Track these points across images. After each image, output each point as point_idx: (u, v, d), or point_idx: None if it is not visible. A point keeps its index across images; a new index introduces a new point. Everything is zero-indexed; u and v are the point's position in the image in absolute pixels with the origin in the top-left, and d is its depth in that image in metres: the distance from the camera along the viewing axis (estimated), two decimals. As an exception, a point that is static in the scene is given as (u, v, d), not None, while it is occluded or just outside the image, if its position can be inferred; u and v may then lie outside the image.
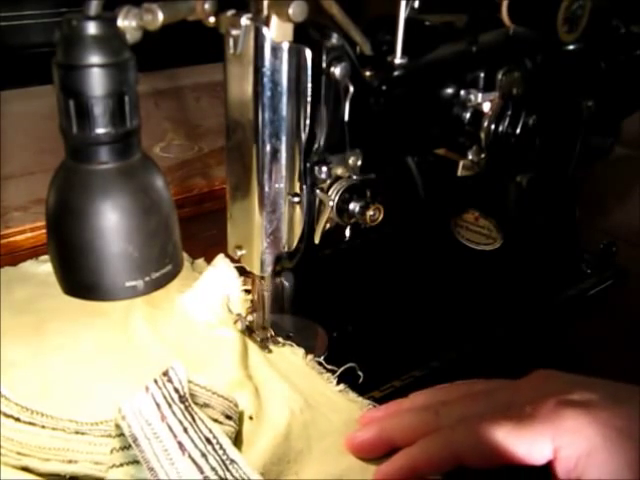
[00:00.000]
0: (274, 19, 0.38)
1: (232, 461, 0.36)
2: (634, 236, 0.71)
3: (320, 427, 0.44)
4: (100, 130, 0.34)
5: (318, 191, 0.44)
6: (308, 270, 0.50)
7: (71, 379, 0.45)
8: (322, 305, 0.58)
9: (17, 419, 0.41)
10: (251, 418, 0.43)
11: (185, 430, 0.38)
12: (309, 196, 0.44)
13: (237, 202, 0.45)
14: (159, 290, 0.39)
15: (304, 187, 0.44)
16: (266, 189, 0.43)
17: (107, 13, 0.33)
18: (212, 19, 0.38)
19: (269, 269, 0.46)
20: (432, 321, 0.59)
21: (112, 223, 0.35)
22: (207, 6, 0.37)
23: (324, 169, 0.43)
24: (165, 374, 0.40)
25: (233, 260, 0.52)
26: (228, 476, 0.35)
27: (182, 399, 0.39)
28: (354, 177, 0.45)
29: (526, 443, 0.37)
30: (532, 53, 0.53)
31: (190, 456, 0.36)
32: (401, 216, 0.66)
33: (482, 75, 0.51)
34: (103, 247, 0.36)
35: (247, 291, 0.54)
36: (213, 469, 0.36)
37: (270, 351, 0.51)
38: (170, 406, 0.39)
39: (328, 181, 0.44)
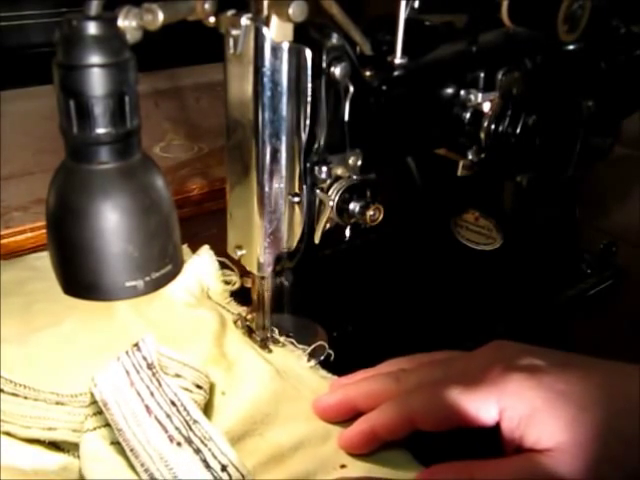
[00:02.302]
0: (274, 19, 0.38)
1: (195, 421, 0.39)
2: (634, 236, 0.71)
3: (288, 395, 0.46)
4: (100, 130, 0.34)
5: (318, 191, 0.44)
6: (308, 270, 0.50)
7: (55, 355, 0.48)
8: (322, 305, 0.58)
9: (1, 390, 0.43)
10: (223, 394, 0.45)
11: (152, 394, 0.40)
12: (309, 196, 0.44)
13: (237, 202, 0.45)
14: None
15: (304, 187, 0.44)
16: (266, 189, 0.43)
17: (107, 13, 0.33)
18: (212, 19, 0.38)
19: (269, 269, 0.46)
20: (432, 321, 0.59)
21: (112, 223, 0.35)
22: (207, 6, 0.37)
23: (324, 169, 0.43)
24: (135, 345, 0.43)
25: (232, 259, 0.54)
26: (191, 435, 0.38)
27: (150, 366, 0.42)
28: (354, 177, 0.45)
29: (474, 405, 0.40)
30: (532, 53, 0.53)
31: (156, 417, 0.39)
32: (401, 216, 0.66)
33: (482, 75, 0.51)
34: (103, 247, 0.36)
35: (226, 282, 0.58)
36: (177, 428, 0.39)
37: (270, 351, 0.51)
38: (138, 372, 0.42)
39: (328, 181, 0.44)
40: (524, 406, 0.39)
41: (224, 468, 0.37)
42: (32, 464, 0.41)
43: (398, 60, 0.46)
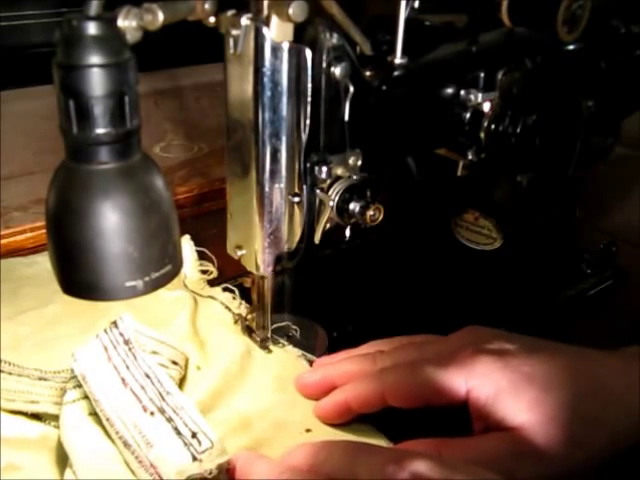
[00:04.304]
0: (274, 19, 0.38)
1: (168, 392, 0.42)
2: (634, 236, 0.71)
3: (256, 370, 0.49)
4: (100, 130, 0.34)
5: (318, 191, 0.44)
6: (308, 270, 0.50)
7: (39, 336, 0.50)
8: (322, 305, 0.58)
9: None
10: (198, 368, 0.48)
11: (127, 367, 0.43)
12: (309, 196, 0.44)
13: (237, 202, 0.45)
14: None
15: (304, 187, 0.44)
16: (266, 189, 0.43)
17: (107, 13, 0.33)
18: (212, 19, 0.38)
19: (269, 269, 0.46)
20: (432, 321, 0.58)
21: (112, 223, 0.35)
22: (207, 6, 0.37)
23: (324, 169, 0.43)
24: (113, 322, 0.46)
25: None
26: (164, 405, 0.41)
27: (126, 342, 0.44)
28: (354, 177, 0.45)
29: (443, 384, 0.42)
30: (532, 53, 0.53)
31: (131, 389, 0.42)
32: (401, 216, 0.66)
33: (482, 75, 0.51)
34: (103, 247, 0.36)
35: (204, 272, 0.59)
36: (150, 399, 0.41)
37: (270, 351, 0.51)
38: (115, 348, 0.44)
39: (328, 181, 0.44)
40: (490, 386, 0.41)
41: (194, 435, 0.39)
42: (14, 433, 0.44)
43: (398, 60, 0.46)
